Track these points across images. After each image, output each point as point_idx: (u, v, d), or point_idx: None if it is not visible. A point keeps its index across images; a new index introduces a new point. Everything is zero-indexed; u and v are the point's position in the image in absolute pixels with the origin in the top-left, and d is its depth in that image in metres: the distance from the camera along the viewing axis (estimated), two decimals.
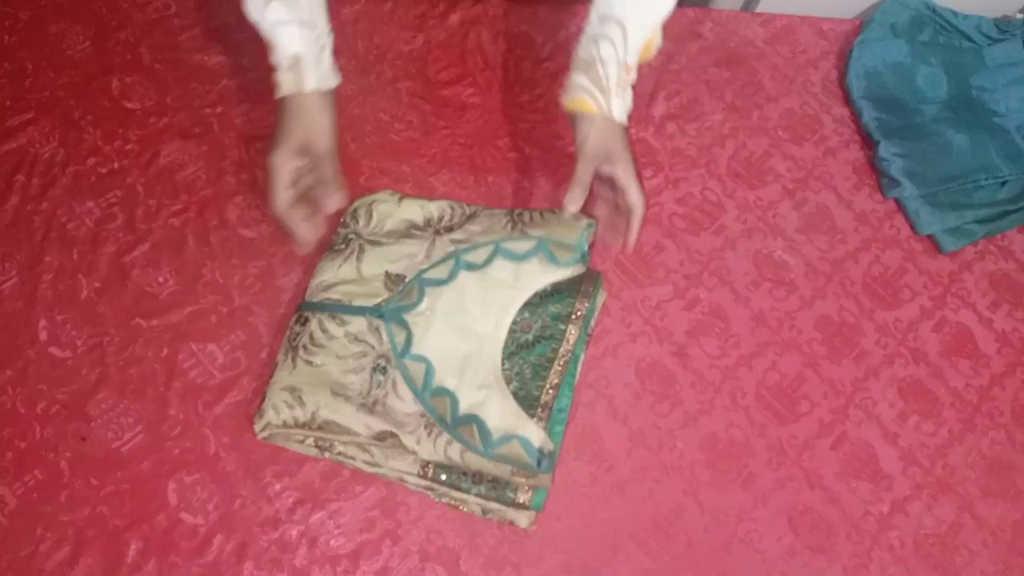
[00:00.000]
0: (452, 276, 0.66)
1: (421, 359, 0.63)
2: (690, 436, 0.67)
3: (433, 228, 0.69)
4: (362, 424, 0.60)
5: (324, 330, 0.64)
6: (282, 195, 0.62)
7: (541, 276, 0.67)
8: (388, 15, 0.84)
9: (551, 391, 0.63)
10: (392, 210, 0.70)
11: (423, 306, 0.65)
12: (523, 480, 0.60)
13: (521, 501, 0.60)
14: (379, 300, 0.65)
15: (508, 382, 0.63)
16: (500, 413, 0.61)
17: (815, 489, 0.66)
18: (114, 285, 0.68)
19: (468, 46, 0.84)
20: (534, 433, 0.61)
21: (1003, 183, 0.79)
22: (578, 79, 0.64)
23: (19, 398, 0.64)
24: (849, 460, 0.68)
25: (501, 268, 0.66)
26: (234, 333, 0.68)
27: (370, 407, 0.61)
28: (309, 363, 0.63)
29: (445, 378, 0.63)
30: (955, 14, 0.88)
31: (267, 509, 0.62)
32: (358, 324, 0.64)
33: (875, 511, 0.66)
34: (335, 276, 0.66)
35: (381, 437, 0.60)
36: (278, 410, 0.61)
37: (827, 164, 0.81)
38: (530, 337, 0.65)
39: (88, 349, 0.66)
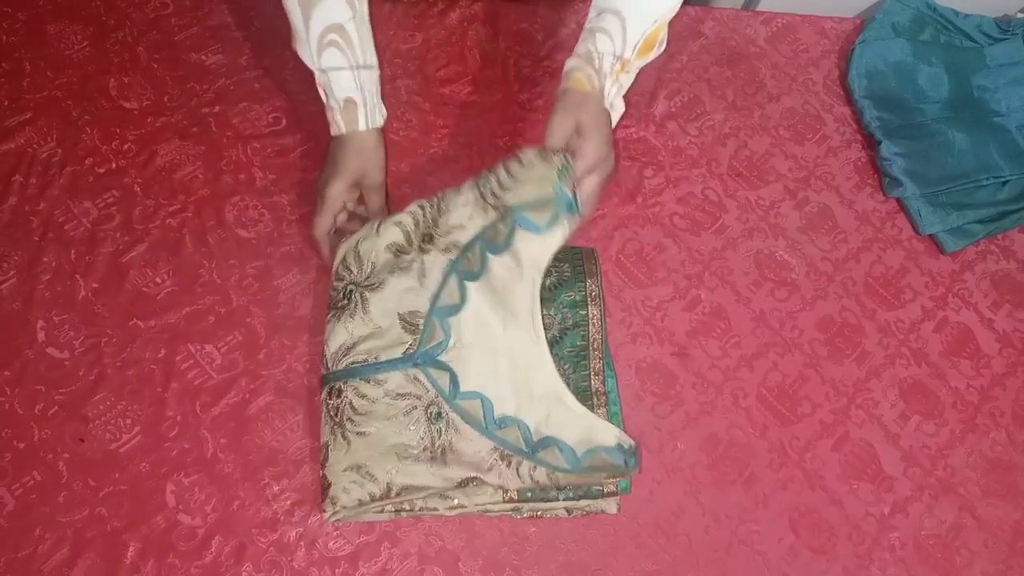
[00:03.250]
0: (463, 297, 0.61)
1: (475, 395, 0.60)
2: (691, 437, 0.67)
3: (416, 245, 0.64)
4: (440, 478, 0.58)
5: (363, 396, 0.60)
6: (327, 222, 0.67)
7: (538, 250, 0.60)
8: (387, 14, 0.84)
9: (597, 377, 0.64)
10: (375, 243, 0.64)
11: (452, 341, 0.61)
12: (613, 480, 0.60)
13: (609, 490, 0.61)
14: (406, 347, 0.61)
15: None
16: (573, 425, 0.59)
17: (816, 490, 0.66)
18: (112, 286, 0.68)
19: (467, 44, 0.83)
20: (610, 435, 0.59)
21: (1004, 183, 0.79)
22: (571, 63, 0.62)
23: (17, 399, 0.64)
24: (850, 461, 0.67)
25: (498, 265, 0.61)
26: (232, 334, 0.67)
27: (440, 458, 0.58)
28: (361, 435, 0.59)
29: (504, 406, 0.60)
30: (956, 13, 0.88)
31: (265, 511, 0.62)
32: (395, 379, 0.60)
33: (876, 512, 0.66)
34: (350, 336, 0.62)
35: (463, 484, 0.58)
36: (348, 491, 0.58)
37: (829, 164, 0.81)
38: (556, 333, 0.65)
39: (86, 350, 0.66)
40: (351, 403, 0.60)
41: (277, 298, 0.69)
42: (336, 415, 0.60)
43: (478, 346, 0.61)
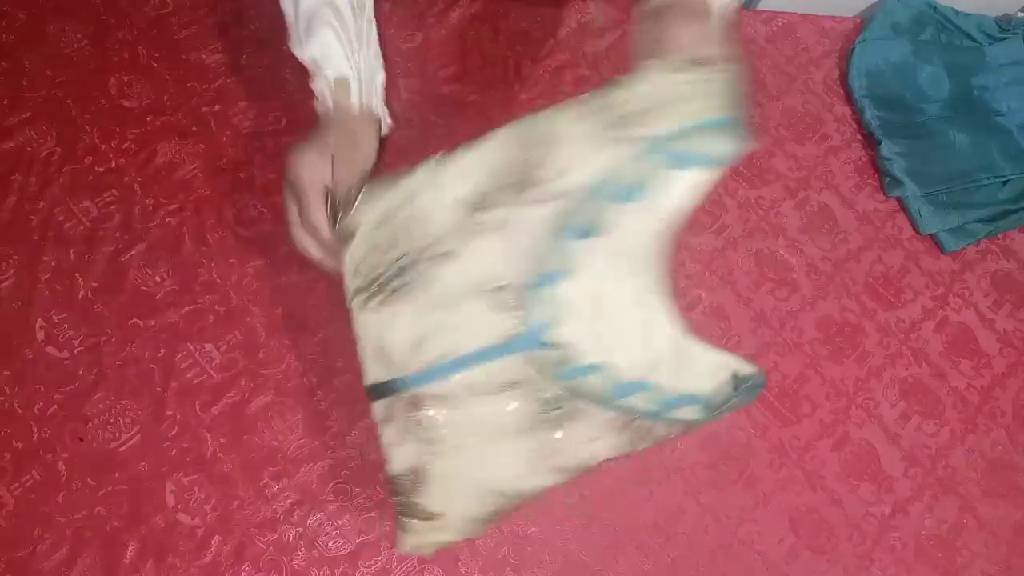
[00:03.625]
0: (572, 260, 0.47)
1: (593, 368, 0.49)
2: (691, 437, 0.67)
3: (501, 197, 0.48)
4: (555, 472, 0.50)
5: (448, 401, 0.49)
6: (313, 209, 0.52)
7: (684, 193, 0.46)
8: (387, 14, 0.84)
9: None
10: (437, 197, 0.49)
11: (558, 315, 0.48)
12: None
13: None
14: (498, 330, 0.48)
15: None
16: (697, 371, 0.49)
17: (816, 490, 0.66)
18: (111, 285, 0.68)
19: (467, 44, 0.83)
20: (727, 368, 0.50)
21: (1004, 182, 0.79)
22: None
23: (16, 398, 0.63)
24: (851, 461, 0.67)
25: (625, 215, 0.46)
26: (231, 333, 0.67)
27: (555, 452, 0.49)
28: (458, 449, 0.49)
29: (628, 371, 0.49)
30: (956, 13, 0.88)
31: (265, 510, 0.61)
32: (487, 372, 0.48)
33: (876, 512, 0.66)
34: (414, 328, 0.49)
35: (579, 471, 0.51)
36: (456, 515, 0.50)
37: (829, 163, 0.81)
38: None
39: (85, 349, 0.65)
40: (437, 414, 0.49)
41: (277, 297, 0.69)
42: (420, 431, 0.50)
43: (593, 312, 0.49)
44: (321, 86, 0.56)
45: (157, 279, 0.69)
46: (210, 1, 0.82)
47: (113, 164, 0.73)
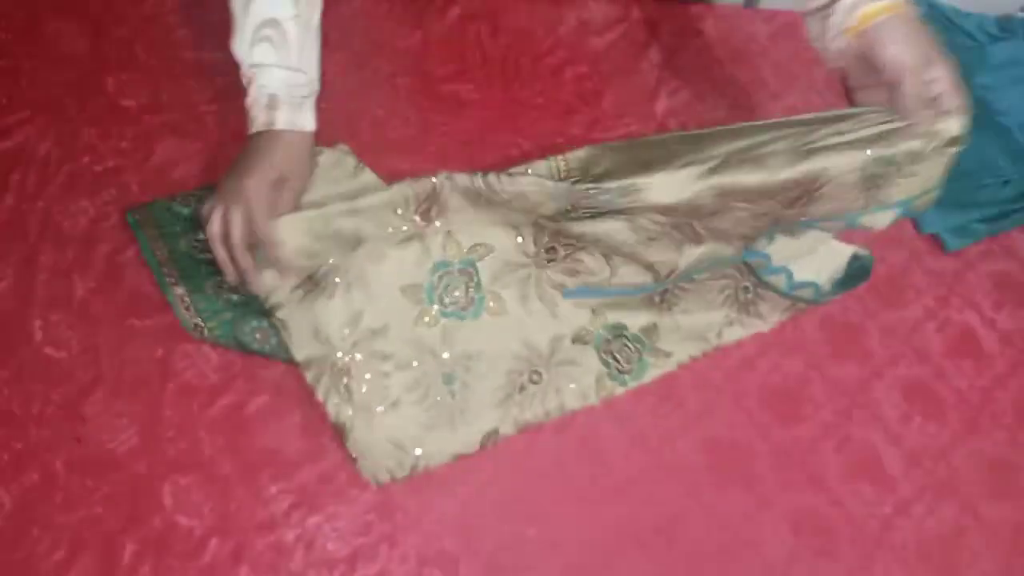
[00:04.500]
0: (794, 230, 0.70)
1: (780, 270, 0.70)
2: (692, 438, 0.67)
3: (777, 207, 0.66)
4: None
5: (685, 285, 0.71)
6: (240, 226, 0.57)
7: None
8: (386, 11, 0.84)
9: None
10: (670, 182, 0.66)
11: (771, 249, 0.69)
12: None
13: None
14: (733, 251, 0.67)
15: None
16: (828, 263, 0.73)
17: (818, 491, 0.66)
18: (109, 285, 0.68)
19: (467, 41, 0.83)
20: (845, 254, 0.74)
21: (1006, 182, 0.78)
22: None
23: (14, 399, 0.63)
24: (852, 462, 0.67)
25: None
26: None
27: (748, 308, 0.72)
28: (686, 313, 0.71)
29: (801, 273, 0.71)
30: (957, 12, 0.87)
31: (263, 512, 0.61)
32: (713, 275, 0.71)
33: (878, 513, 0.65)
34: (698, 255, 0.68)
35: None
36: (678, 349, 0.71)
37: None
38: None
39: (83, 349, 0.65)
40: (677, 291, 0.70)
41: None
42: (663, 300, 0.70)
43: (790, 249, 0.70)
44: (255, 99, 0.60)
45: (154, 279, 0.68)
46: (207, 0, 0.82)
47: (111, 163, 0.73)
